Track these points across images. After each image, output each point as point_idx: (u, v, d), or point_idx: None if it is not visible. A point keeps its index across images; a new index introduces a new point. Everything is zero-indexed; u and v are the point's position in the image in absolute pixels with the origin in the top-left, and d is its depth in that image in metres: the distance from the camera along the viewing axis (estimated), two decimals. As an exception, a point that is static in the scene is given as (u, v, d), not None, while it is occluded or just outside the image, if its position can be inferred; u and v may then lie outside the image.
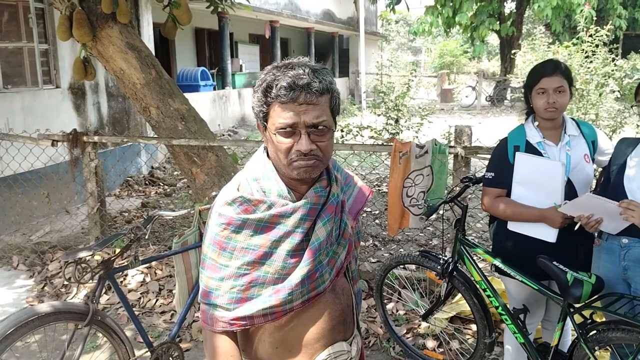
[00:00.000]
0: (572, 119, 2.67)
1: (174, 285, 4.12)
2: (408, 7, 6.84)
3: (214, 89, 13.82)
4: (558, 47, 10.10)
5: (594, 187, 2.65)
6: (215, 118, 12.98)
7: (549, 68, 2.47)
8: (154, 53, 4.90)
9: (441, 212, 3.12)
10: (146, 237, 2.82)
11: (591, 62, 7.74)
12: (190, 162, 4.51)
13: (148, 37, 8.93)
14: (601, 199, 2.23)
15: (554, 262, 2.36)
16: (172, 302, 4.11)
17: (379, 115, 7.87)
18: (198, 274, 3.01)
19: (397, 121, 7.54)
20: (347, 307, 1.55)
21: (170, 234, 5.44)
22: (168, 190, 7.91)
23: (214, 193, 3.25)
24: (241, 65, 15.85)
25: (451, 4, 16.63)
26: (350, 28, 21.76)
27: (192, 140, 4.38)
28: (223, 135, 12.59)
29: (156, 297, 4.23)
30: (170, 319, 3.94)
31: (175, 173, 8.84)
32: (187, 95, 4.80)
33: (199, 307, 3.93)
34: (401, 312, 3.87)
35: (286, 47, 20.72)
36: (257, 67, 17.60)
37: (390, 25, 36.34)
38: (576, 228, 2.37)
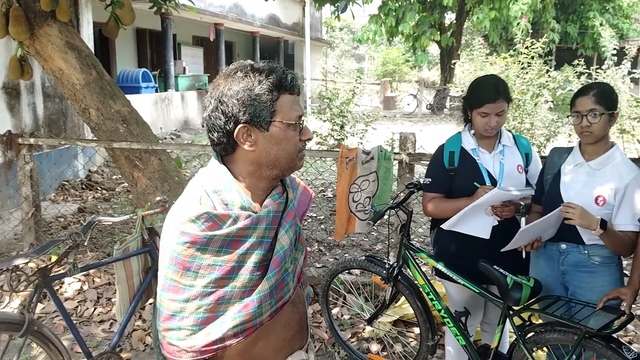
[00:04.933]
0: (510, 131, 2.79)
1: (114, 293, 4.00)
2: (353, 15, 6.93)
3: (156, 91, 13.53)
4: (495, 58, 10.47)
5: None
6: (157, 121, 12.70)
7: (493, 94, 2.51)
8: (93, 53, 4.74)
9: (386, 217, 3.17)
10: (85, 243, 2.73)
11: (527, 73, 8.08)
12: (132, 166, 4.39)
13: (88, 37, 8.65)
14: (540, 221, 2.34)
15: (495, 267, 2.44)
16: (111, 310, 3.98)
17: (324, 121, 7.92)
18: (140, 282, 2.96)
19: (342, 127, 7.62)
20: (303, 314, 1.53)
21: (110, 240, 5.27)
22: (107, 194, 7.67)
23: (157, 198, 3.17)
24: (184, 68, 15.59)
25: (394, 14, 16.96)
26: (296, 33, 21.83)
27: (134, 143, 4.27)
28: (165, 138, 12.33)
29: (94, 305, 4.09)
30: (110, 328, 3.82)
31: (114, 177, 8.58)
32: (127, 97, 4.68)
33: (140, 315, 3.81)
34: (346, 317, 3.89)
35: (231, 51, 20.53)
36: (201, 70, 17.36)
37: (335, 32, 36.67)
38: (524, 256, 2.54)
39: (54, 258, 3.87)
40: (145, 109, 11.65)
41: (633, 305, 2.27)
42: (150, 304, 3.40)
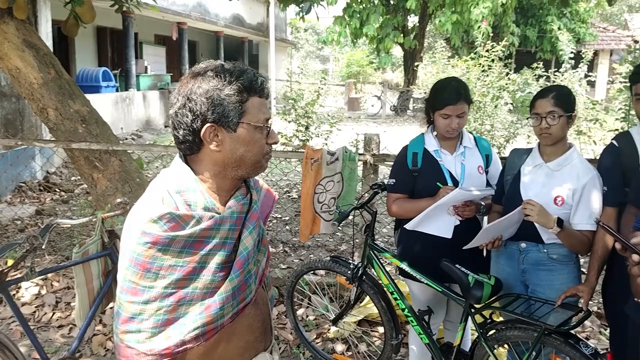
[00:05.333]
0: (471, 132, 2.85)
1: (73, 297, 3.90)
2: (318, 16, 6.94)
3: (117, 90, 13.28)
4: (457, 61, 10.65)
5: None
6: (117, 121, 12.46)
7: (454, 96, 2.56)
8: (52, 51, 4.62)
9: (351, 217, 3.18)
10: (43, 246, 2.65)
11: (487, 75, 8.24)
12: (92, 167, 4.30)
13: (46, 35, 8.44)
14: (503, 219, 2.38)
15: (457, 265, 2.48)
16: (70, 315, 3.88)
17: (289, 122, 7.90)
18: (100, 285, 2.90)
19: (307, 128, 7.62)
20: (267, 316, 1.53)
21: (69, 243, 5.14)
22: (65, 196, 7.48)
23: (118, 200, 3.12)
24: (146, 67, 15.32)
25: (358, 16, 17.09)
26: (260, 34, 21.74)
27: (93, 143, 4.18)
28: (126, 139, 12.11)
29: (53, 310, 3.98)
30: (69, 333, 3.72)
31: (73, 178, 8.37)
32: (87, 96, 4.58)
33: (100, 319, 3.73)
34: (311, 318, 3.89)
35: (194, 50, 20.31)
36: (164, 69, 17.11)
37: (300, 33, 36.72)
38: (485, 254, 2.57)
39: (10, 262, 3.76)
40: (106, 108, 11.43)
41: (589, 302, 2.33)
42: (111, 308, 3.33)
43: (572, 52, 9.90)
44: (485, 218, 2.79)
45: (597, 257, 2.34)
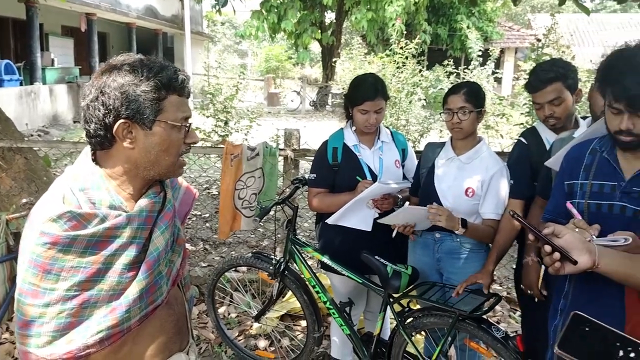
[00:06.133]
0: (388, 128, 2.93)
1: (-24, 305, 3.65)
2: (234, 10, 6.87)
3: (21, 84, 12.52)
4: (373, 57, 10.89)
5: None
6: (22, 116, 11.73)
7: (372, 92, 2.62)
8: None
9: (272, 212, 3.19)
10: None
11: (402, 72, 8.48)
12: (-6, 166, 4.03)
13: (-63, 23, 7.80)
14: (415, 208, 2.47)
15: (376, 257, 2.55)
16: (-27, 324, 3.63)
17: (207, 117, 7.76)
18: (6, 292, 2.74)
19: (226, 123, 7.51)
20: (181, 316, 1.49)
21: (-31, 247, 4.79)
22: (-35, 197, 6.96)
23: (24, 200, 2.96)
24: (53, 60, 14.52)
25: (276, 10, 17.04)
26: (175, 26, 21.16)
27: (-5, 141, 3.92)
28: (32, 135, 11.42)
29: (-48, 320, 3.70)
30: (-28, 344, 3.48)
31: (-26, 178, 7.80)
32: (-12, 90, 4.29)
33: (7, 327, 3.52)
34: (233, 315, 3.86)
35: (104, 42, 19.45)
36: (72, 62, 16.28)
37: (216, 27, 36.07)
38: (394, 235, 2.59)
39: None
40: (9, 103, 10.75)
41: (499, 287, 2.47)
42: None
43: (480, 50, 10.39)
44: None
45: (498, 246, 2.48)
